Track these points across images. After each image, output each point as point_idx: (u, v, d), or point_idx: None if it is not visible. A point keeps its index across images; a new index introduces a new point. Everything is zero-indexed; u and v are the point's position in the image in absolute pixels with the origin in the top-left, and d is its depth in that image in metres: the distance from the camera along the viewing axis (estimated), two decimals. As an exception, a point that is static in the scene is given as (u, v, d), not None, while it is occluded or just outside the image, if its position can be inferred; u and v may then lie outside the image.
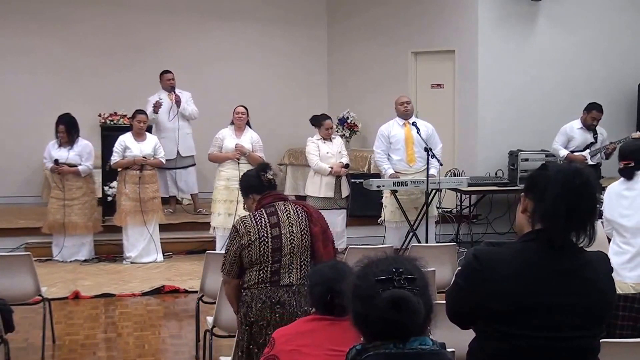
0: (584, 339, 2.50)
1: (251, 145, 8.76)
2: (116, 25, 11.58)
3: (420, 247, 6.74)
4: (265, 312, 4.06)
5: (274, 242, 4.10)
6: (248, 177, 4.48)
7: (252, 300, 4.09)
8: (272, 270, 4.10)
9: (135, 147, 8.84)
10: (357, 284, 2.22)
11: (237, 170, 8.51)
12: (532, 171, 2.67)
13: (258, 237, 4.09)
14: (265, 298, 4.08)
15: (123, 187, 8.84)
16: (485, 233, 9.83)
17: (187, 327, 6.72)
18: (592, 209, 2.53)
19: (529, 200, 2.56)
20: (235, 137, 8.80)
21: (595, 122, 9.12)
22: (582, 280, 2.51)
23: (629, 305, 4.75)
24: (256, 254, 4.08)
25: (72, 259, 8.92)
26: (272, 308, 4.06)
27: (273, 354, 2.99)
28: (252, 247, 4.08)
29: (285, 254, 4.12)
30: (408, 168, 8.66)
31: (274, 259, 4.10)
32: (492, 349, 2.52)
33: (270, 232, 4.12)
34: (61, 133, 8.78)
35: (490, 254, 2.54)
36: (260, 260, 4.09)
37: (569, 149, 9.18)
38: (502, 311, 2.46)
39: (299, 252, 4.16)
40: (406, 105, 8.65)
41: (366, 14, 11.70)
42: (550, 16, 10.30)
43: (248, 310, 4.10)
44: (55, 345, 6.24)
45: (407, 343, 2.16)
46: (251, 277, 4.12)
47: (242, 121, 8.82)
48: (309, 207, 4.38)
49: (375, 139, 8.84)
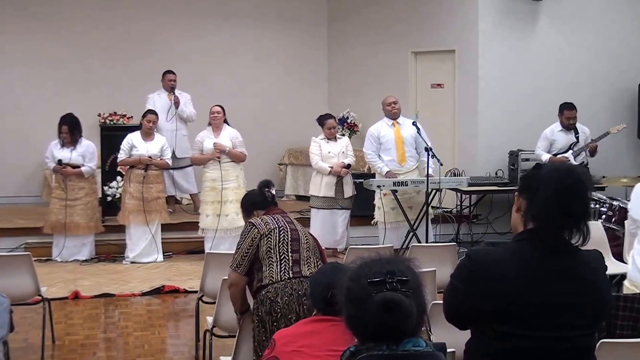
0: (580, 337, 2.51)
1: (231, 142, 8.77)
2: (116, 25, 11.58)
3: (421, 247, 6.73)
4: (292, 305, 4.05)
5: (292, 233, 4.22)
6: (251, 195, 4.60)
7: (278, 295, 4.07)
8: (294, 260, 4.14)
9: (142, 147, 8.85)
10: (349, 286, 2.22)
11: (220, 170, 8.63)
12: (526, 171, 2.68)
13: (277, 227, 4.20)
14: (292, 291, 4.07)
15: (128, 185, 8.85)
16: (485, 233, 9.83)
17: (186, 327, 6.71)
18: (585, 207, 2.54)
19: (523, 200, 2.57)
20: (214, 136, 8.82)
21: (572, 121, 9.05)
22: (577, 279, 2.51)
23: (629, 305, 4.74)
24: (275, 241, 4.15)
25: (72, 259, 8.92)
26: (299, 300, 4.05)
27: (274, 355, 2.98)
28: (271, 235, 4.17)
29: (303, 247, 4.20)
30: (400, 168, 8.68)
31: (293, 249, 4.16)
32: (488, 349, 2.52)
33: (287, 225, 4.25)
34: (64, 133, 8.78)
35: (484, 255, 2.55)
36: (279, 249, 4.12)
37: (552, 152, 9.12)
38: (498, 311, 2.46)
39: (313, 249, 4.26)
40: (393, 106, 8.67)
41: (366, 13, 11.70)
42: (550, 16, 10.30)
43: (273, 305, 4.07)
44: (55, 345, 6.23)
45: (400, 345, 2.16)
46: (272, 271, 4.12)
47: (218, 120, 8.84)
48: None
49: (365, 140, 8.88)
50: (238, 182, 8.76)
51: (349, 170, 9.09)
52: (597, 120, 9.71)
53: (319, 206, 9.01)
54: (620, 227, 7.70)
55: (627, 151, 10.53)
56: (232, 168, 8.76)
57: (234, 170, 8.78)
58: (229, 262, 4.91)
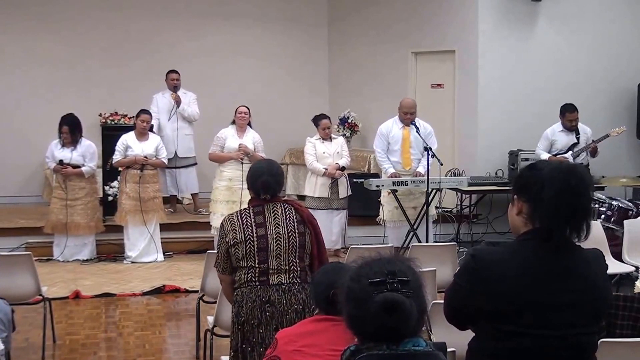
0: (582, 335, 2.52)
1: (253, 146, 8.75)
2: (117, 25, 11.59)
3: (421, 247, 6.74)
4: (255, 311, 4.05)
5: (259, 242, 4.08)
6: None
7: (243, 300, 4.08)
8: (260, 271, 4.08)
9: (137, 147, 8.85)
10: (350, 286, 2.22)
11: (241, 171, 8.44)
12: (521, 172, 2.67)
13: (244, 237, 4.07)
14: (255, 297, 4.06)
15: (124, 186, 8.86)
16: (485, 233, 9.84)
17: (187, 326, 6.72)
18: (589, 206, 2.56)
19: (524, 203, 2.57)
20: (238, 137, 8.78)
21: (574, 123, 9.06)
22: (581, 277, 2.53)
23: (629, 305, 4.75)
24: (242, 253, 4.07)
25: (74, 259, 8.93)
26: (262, 307, 4.05)
27: (275, 354, 2.99)
28: (238, 247, 4.08)
29: (272, 255, 4.09)
30: (404, 171, 8.66)
31: (260, 259, 4.08)
32: (492, 348, 2.52)
33: (255, 231, 4.09)
34: (65, 133, 8.79)
35: (489, 254, 2.56)
36: (246, 260, 4.08)
37: (552, 152, 9.12)
38: (502, 310, 2.47)
39: (287, 253, 4.11)
40: (409, 116, 8.57)
41: (367, 14, 11.71)
42: (550, 16, 10.31)
43: (239, 309, 4.10)
44: (56, 344, 6.24)
45: (400, 344, 2.16)
46: (241, 276, 4.11)
47: (244, 121, 8.80)
48: (300, 206, 4.34)
49: (375, 138, 8.83)
50: None
51: (344, 172, 9.06)
52: (596, 120, 9.72)
53: (314, 206, 8.97)
54: (620, 227, 7.71)
55: (627, 151, 10.53)
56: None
57: None
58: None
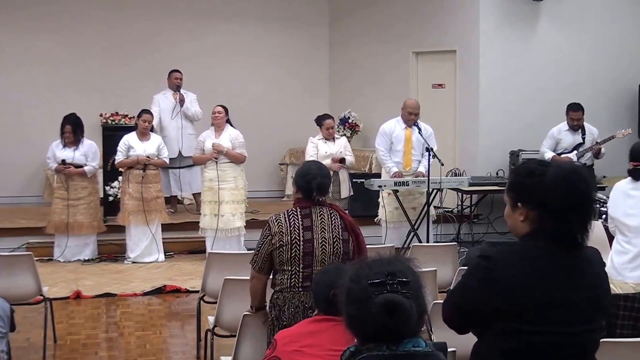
0: (590, 332, 2.55)
1: (230, 143, 8.74)
2: (118, 25, 11.60)
3: (421, 247, 6.74)
4: (298, 317, 3.96)
5: (305, 246, 4.03)
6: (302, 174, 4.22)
7: (285, 304, 4.03)
8: (304, 275, 4.02)
9: (139, 147, 8.86)
10: (350, 287, 2.22)
11: (216, 170, 8.58)
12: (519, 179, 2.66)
13: (290, 240, 4.01)
14: (298, 303, 4.01)
15: (127, 186, 8.86)
16: (486, 233, 9.83)
17: (188, 326, 6.72)
18: (592, 207, 2.60)
19: (530, 210, 2.57)
20: (214, 137, 8.80)
21: (577, 122, 9.04)
22: (587, 275, 2.56)
23: (629, 305, 4.76)
24: (287, 257, 4.02)
25: (75, 259, 8.93)
26: (305, 313, 3.95)
27: (275, 355, 2.99)
28: (283, 249, 4.02)
29: (317, 260, 4.04)
30: (405, 171, 8.65)
31: (305, 264, 4.02)
32: (501, 348, 2.52)
33: (302, 235, 4.04)
34: (67, 133, 8.80)
35: (501, 254, 2.57)
36: (291, 263, 4.02)
37: (557, 151, 9.13)
38: (513, 309, 2.48)
39: (331, 259, 4.05)
40: (414, 117, 8.56)
41: (368, 13, 11.71)
42: (551, 16, 10.31)
43: (280, 313, 4.04)
44: (57, 344, 6.23)
45: (400, 345, 2.16)
46: (283, 280, 4.05)
47: (219, 120, 8.78)
48: (345, 212, 4.27)
49: (377, 136, 8.79)
50: (236, 183, 8.71)
51: (343, 165, 8.96)
52: (598, 120, 9.69)
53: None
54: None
55: (628, 151, 10.49)
56: (230, 169, 8.70)
57: (233, 171, 8.71)
58: (230, 262, 4.92)
